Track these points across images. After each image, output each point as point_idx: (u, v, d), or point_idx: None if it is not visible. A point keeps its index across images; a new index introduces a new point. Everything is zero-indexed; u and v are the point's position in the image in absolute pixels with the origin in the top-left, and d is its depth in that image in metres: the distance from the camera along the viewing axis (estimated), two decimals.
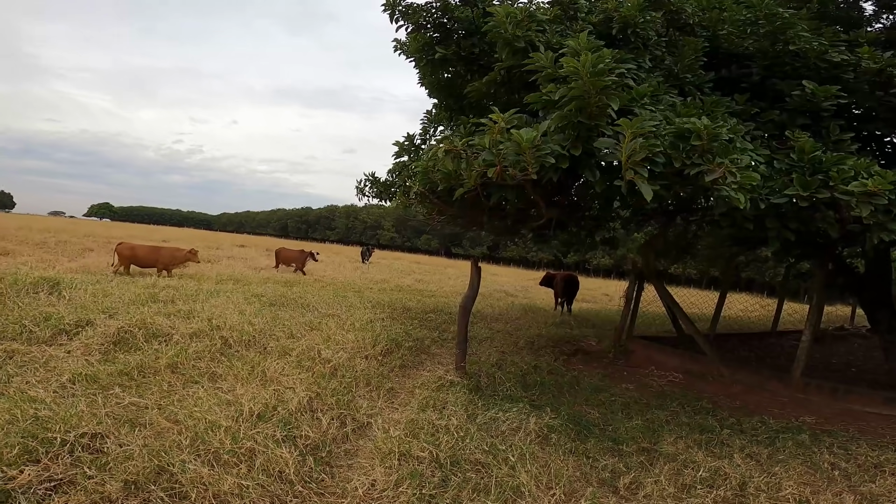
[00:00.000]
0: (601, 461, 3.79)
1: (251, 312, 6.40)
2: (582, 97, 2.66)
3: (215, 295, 7.82)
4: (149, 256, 11.48)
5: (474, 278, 6.02)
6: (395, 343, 6.51)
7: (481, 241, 78.31)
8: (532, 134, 2.55)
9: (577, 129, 2.77)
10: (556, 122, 2.70)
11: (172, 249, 12.18)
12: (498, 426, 4.17)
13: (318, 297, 9.25)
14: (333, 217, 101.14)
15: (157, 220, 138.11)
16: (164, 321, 5.47)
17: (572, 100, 2.70)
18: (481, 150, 2.89)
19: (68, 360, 4.54)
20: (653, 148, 2.60)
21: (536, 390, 5.48)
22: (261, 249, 27.24)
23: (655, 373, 7.03)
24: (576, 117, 2.73)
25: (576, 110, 2.72)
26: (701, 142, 2.70)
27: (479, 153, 2.90)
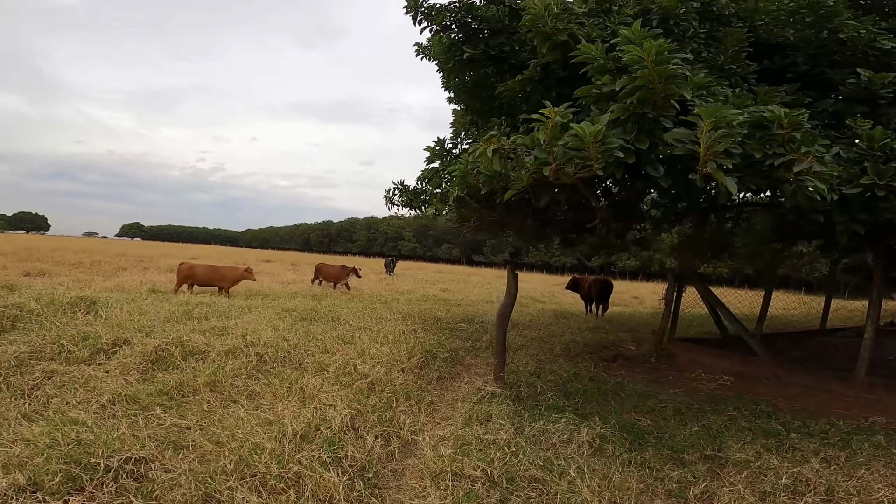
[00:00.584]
0: (664, 471, 3.58)
1: (284, 328, 6.32)
2: (645, 87, 2.47)
3: (247, 311, 7.80)
4: (208, 275, 11.75)
5: (511, 285, 5.83)
6: (431, 355, 6.34)
7: (503, 248, 77.99)
8: (596, 127, 2.36)
9: (639, 121, 2.57)
10: (618, 115, 2.51)
11: (230, 268, 12.51)
12: (548, 438, 3.99)
13: (347, 309, 9.16)
14: (354, 229, 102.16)
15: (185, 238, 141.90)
16: (199, 339, 5.42)
17: (635, 90, 2.51)
18: (532, 148, 2.71)
19: (107, 380, 4.51)
20: (734, 138, 2.37)
21: (579, 398, 5.28)
22: (286, 264, 27.53)
23: (703, 376, 6.68)
24: (638, 109, 2.54)
25: (638, 102, 2.52)
26: (783, 131, 2.47)
27: (530, 152, 2.72)
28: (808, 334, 11.93)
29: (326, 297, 13.36)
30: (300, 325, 7.07)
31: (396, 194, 6.01)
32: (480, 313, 11.64)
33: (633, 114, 2.54)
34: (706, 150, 2.33)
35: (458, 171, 3.59)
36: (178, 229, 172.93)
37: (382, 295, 15.11)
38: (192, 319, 6.65)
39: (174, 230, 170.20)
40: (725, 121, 2.33)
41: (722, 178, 2.34)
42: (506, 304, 5.90)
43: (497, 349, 5.93)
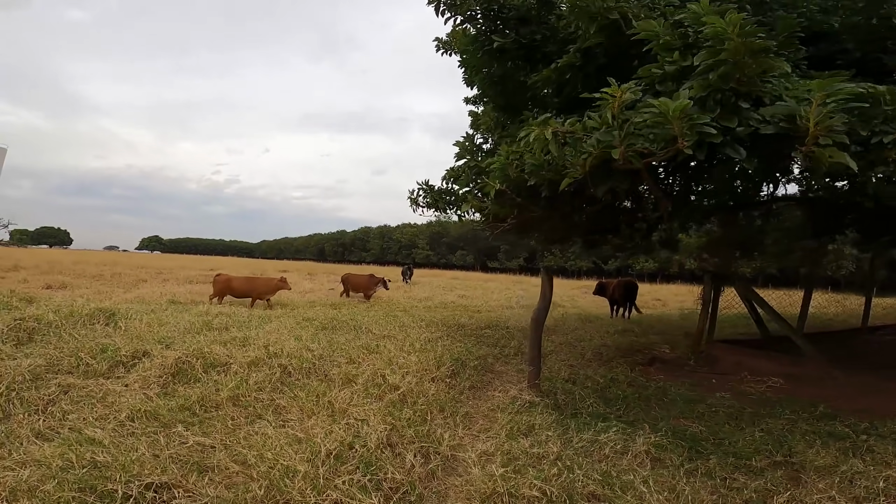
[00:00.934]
0: (737, 480, 3.30)
1: (307, 338, 6.06)
2: (729, 62, 2.16)
3: (267, 320, 7.57)
4: (244, 287, 11.71)
5: (546, 289, 5.49)
6: (460, 363, 6.03)
7: (518, 253, 77.32)
8: (682, 102, 2.05)
9: (722, 99, 2.26)
10: (697, 92, 2.20)
11: (265, 279, 12.48)
12: (600, 449, 3.70)
13: (368, 318, 8.89)
14: (368, 238, 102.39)
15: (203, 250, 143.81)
16: (220, 350, 5.18)
17: (718, 65, 2.20)
18: (590, 132, 2.40)
19: (126, 395, 4.27)
20: (849, 113, 2.05)
21: (620, 405, 5.02)
22: (302, 274, 27.48)
23: (749, 379, 6.35)
24: (721, 85, 2.22)
25: (720, 78, 2.21)
26: (889, 107, 2.15)
27: (589, 135, 2.41)
28: (850, 333, 11.40)
29: (345, 305, 13.13)
30: (322, 334, 6.82)
31: (421, 195, 5.72)
32: (503, 319, 11.29)
33: (714, 91, 2.23)
34: (815, 125, 2.01)
35: (497, 164, 3.30)
36: (196, 241, 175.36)
37: (401, 303, 14.83)
38: (213, 330, 6.43)
39: (192, 242, 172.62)
40: (842, 94, 2.01)
41: (840, 156, 2.01)
42: (540, 309, 5.57)
43: (532, 356, 5.60)
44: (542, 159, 2.71)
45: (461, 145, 4.32)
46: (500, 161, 3.27)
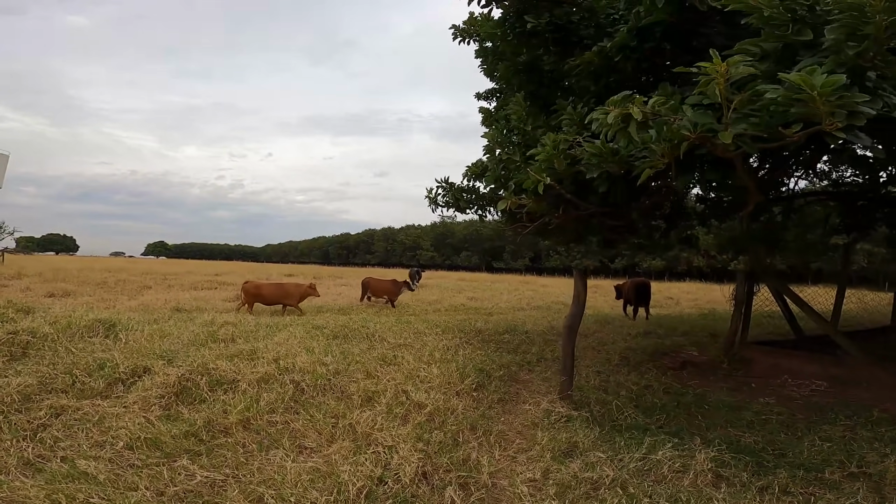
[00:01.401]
0: (813, 496, 3.05)
1: (319, 350, 5.63)
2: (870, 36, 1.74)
3: (275, 330, 7.16)
4: (273, 294, 11.52)
5: (581, 293, 5.06)
6: (485, 374, 5.62)
7: (524, 253, 76.78)
8: (836, 79, 1.63)
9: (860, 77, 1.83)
10: (830, 68, 1.78)
11: (294, 285, 12.29)
12: (657, 469, 3.37)
13: (380, 324, 8.46)
14: (372, 241, 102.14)
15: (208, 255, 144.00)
16: (227, 366, 4.76)
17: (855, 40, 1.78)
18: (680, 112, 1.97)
19: (125, 418, 3.86)
20: None
21: (659, 414, 4.70)
22: (308, 278, 27.06)
23: (790, 382, 6.06)
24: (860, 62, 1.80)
25: (856, 55, 1.79)
26: None
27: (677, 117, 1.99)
28: (881, 330, 10.92)
29: (355, 311, 12.72)
30: (335, 344, 6.40)
31: (440, 194, 5.30)
32: (519, 322, 10.82)
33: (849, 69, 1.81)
34: None
35: (543, 155, 2.88)
36: (201, 246, 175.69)
37: (410, 306, 14.40)
38: (218, 342, 6.02)
39: (197, 247, 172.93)
40: None
41: None
42: (574, 315, 5.14)
43: (564, 364, 5.19)
44: (607, 148, 2.30)
45: (491, 136, 3.88)
46: (547, 151, 2.85)
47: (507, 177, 3.73)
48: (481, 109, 10.41)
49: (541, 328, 10.05)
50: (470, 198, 5.30)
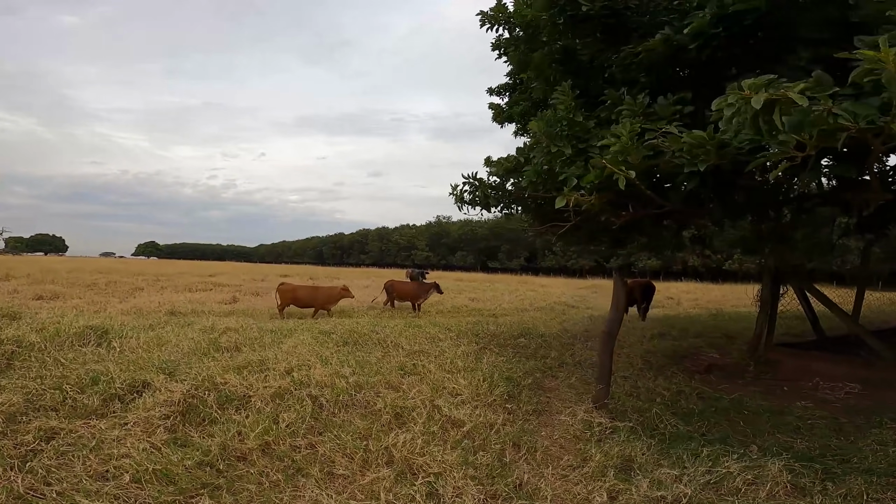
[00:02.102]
0: None
1: (334, 359, 5.19)
2: None
3: (281, 336, 6.70)
4: (309, 296, 11.42)
5: (620, 297, 4.68)
6: (513, 383, 5.24)
7: (518, 252, 76.54)
8: None
9: None
10: None
11: (328, 288, 12.24)
12: (728, 482, 3.13)
13: (390, 329, 8.03)
14: (366, 241, 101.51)
15: (201, 255, 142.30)
16: (236, 379, 4.31)
17: None
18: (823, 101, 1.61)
19: (127, 443, 3.42)
20: None
21: (700, 422, 4.52)
22: (304, 278, 26.52)
23: (823, 385, 5.88)
24: None
25: None
26: None
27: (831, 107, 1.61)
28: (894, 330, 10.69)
29: (360, 314, 12.28)
30: (347, 352, 5.97)
31: (467, 190, 4.88)
32: (530, 325, 10.42)
33: None
34: None
35: (619, 146, 2.50)
36: (193, 246, 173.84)
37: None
38: (222, 351, 5.56)
39: (189, 247, 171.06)
40: None
41: None
42: (613, 320, 4.76)
43: (602, 372, 4.84)
44: (713, 139, 1.93)
45: (539, 127, 3.45)
46: (623, 142, 2.46)
47: (554, 172, 3.36)
48: (491, 105, 10.02)
49: (554, 331, 9.67)
50: (499, 195, 4.90)
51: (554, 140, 3.33)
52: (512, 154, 4.54)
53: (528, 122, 8.64)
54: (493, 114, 9.89)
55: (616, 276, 4.75)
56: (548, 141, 3.36)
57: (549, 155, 3.39)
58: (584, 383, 6.06)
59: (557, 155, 3.31)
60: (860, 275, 10.33)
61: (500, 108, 9.87)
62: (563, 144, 3.29)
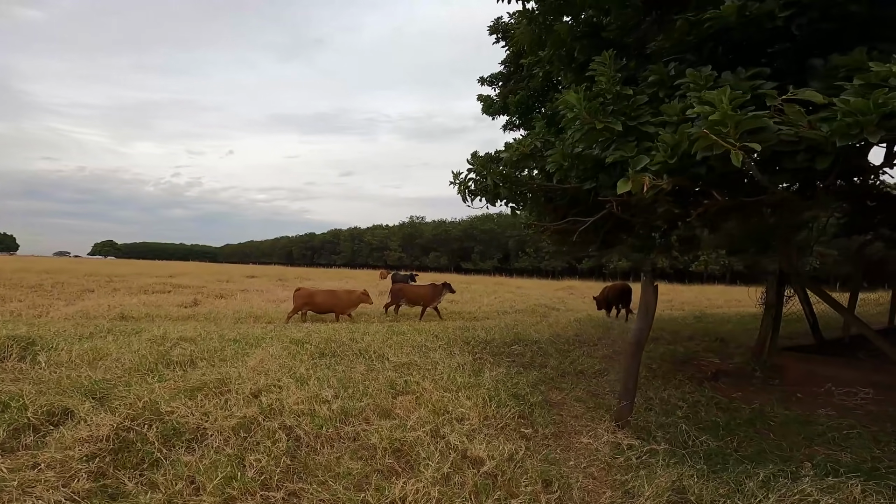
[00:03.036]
0: None
1: (312, 378, 4.33)
2: None
3: (246, 345, 5.79)
4: (327, 301, 10.81)
5: (651, 303, 4.03)
6: (521, 401, 4.56)
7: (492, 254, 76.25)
8: None
9: None
10: None
11: (347, 291, 11.69)
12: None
13: (370, 336, 7.20)
14: (338, 241, 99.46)
15: (162, 255, 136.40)
16: (187, 406, 3.41)
17: None
18: None
19: (35, 492, 2.52)
20: None
21: (727, 435, 4.16)
22: (272, 279, 25.19)
23: (836, 391, 5.68)
24: None
25: None
26: None
27: None
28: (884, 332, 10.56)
29: (330, 318, 11.37)
30: (324, 366, 5.12)
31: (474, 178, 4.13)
32: (519, 329, 9.73)
33: None
34: None
35: (718, 116, 1.84)
36: (154, 246, 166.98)
37: (391, 312, 13.08)
38: (173, 367, 4.62)
39: (150, 247, 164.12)
40: None
41: None
42: (641, 329, 4.11)
43: (626, 387, 4.25)
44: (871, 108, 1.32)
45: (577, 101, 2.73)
46: (722, 111, 1.80)
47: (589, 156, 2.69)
48: (481, 97, 9.35)
49: (546, 336, 9.02)
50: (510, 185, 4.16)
51: (598, 115, 2.65)
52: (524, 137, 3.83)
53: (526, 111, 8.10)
54: (483, 105, 9.25)
55: (646, 280, 4.09)
56: (589, 117, 2.67)
57: (591, 133, 2.71)
58: (591, 395, 5.47)
59: (601, 133, 2.64)
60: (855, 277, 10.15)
61: (491, 100, 9.23)
62: (611, 121, 2.62)
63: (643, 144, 2.61)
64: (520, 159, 3.77)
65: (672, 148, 2.23)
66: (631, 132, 2.69)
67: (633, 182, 2.33)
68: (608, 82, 2.85)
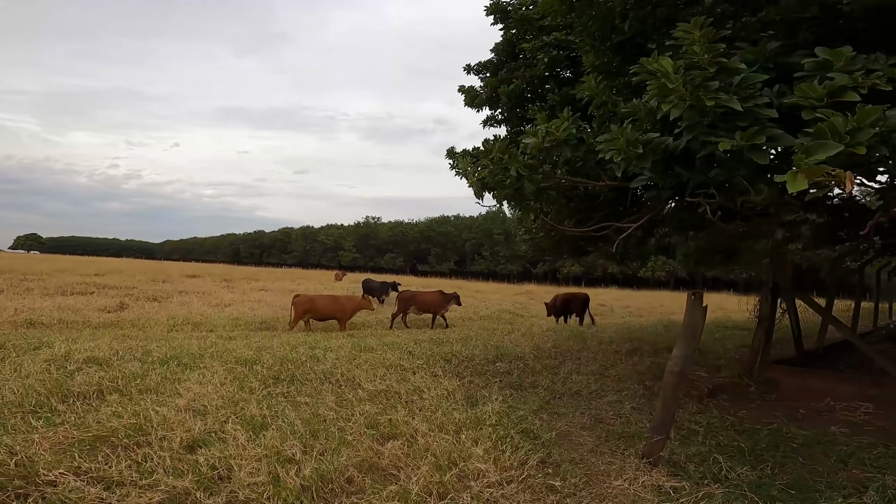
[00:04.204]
0: None
1: (268, 418, 3.25)
2: None
3: (175, 370, 4.58)
4: (329, 307, 10.36)
5: (698, 326, 3.26)
6: (532, 438, 3.74)
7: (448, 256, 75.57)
8: None
9: None
10: None
11: (348, 297, 11.39)
12: None
13: (333, 353, 6.13)
14: (289, 240, 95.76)
15: (93, 250, 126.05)
16: (81, 473, 2.29)
17: None
18: None
19: None
20: None
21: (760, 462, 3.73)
22: (217, 280, 23.09)
23: (837, 406, 5.53)
24: None
25: None
26: None
27: None
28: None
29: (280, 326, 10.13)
30: (282, 396, 4.05)
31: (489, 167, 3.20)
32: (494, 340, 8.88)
33: None
34: None
35: None
36: (85, 241, 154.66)
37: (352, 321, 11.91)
38: (71, 402, 3.39)
39: (79, 241, 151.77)
40: None
41: None
42: (686, 357, 3.35)
43: (663, 420, 3.59)
44: None
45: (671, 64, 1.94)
46: None
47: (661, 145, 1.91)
48: (462, 88, 8.78)
49: (527, 349, 8.22)
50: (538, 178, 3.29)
51: (704, 92, 1.87)
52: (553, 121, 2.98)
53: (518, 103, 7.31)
54: (466, 97, 8.64)
55: (695, 299, 3.31)
56: (689, 92, 1.89)
57: (692, 111, 1.93)
58: (596, 421, 4.78)
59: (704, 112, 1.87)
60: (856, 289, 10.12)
61: (476, 92, 8.60)
62: (724, 98, 1.86)
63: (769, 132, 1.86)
64: (552, 146, 2.92)
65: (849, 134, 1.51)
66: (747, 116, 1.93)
67: (808, 174, 1.56)
68: (702, 50, 2.06)
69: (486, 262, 71.55)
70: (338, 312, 10.37)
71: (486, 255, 72.05)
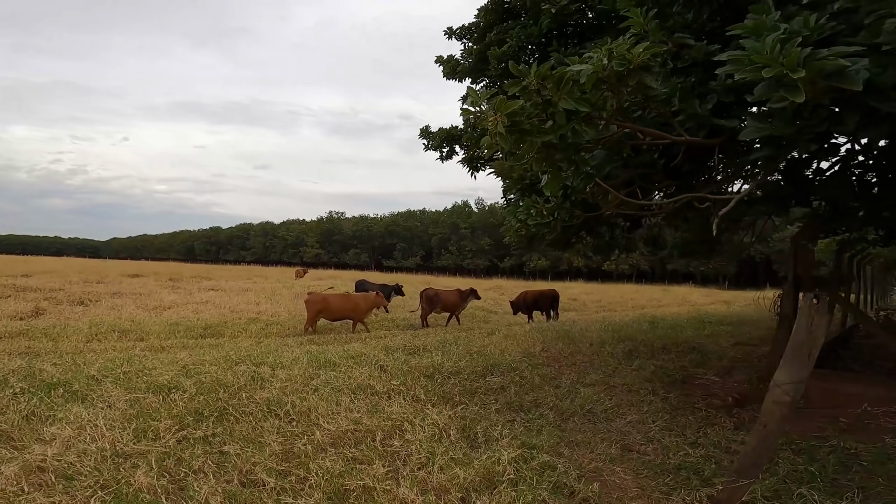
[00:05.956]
0: None
1: (159, 490, 1.99)
2: None
3: (55, 405, 3.21)
4: (343, 307, 10.00)
5: (819, 337, 2.25)
6: (570, 496, 2.59)
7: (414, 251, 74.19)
8: None
9: None
10: None
11: (362, 296, 10.90)
12: None
13: (285, 373, 4.81)
14: (248, 236, 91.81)
15: (32, 249, 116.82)
16: None
17: None
18: None
19: None
20: None
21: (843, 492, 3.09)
22: (162, 279, 20.90)
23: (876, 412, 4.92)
24: None
25: None
26: None
27: None
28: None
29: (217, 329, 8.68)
30: (199, 440, 2.76)
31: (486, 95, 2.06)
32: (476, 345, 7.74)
33: None
34: None
35: None
36: (23, 239, 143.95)
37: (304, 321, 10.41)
38: None
39: (17, 240, 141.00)
40: None
41: None
42: (798, 384, 2.29)
43: (756, 462, 2.76)
44: None
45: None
46: None
47: None
48: (439, 59, 8.06)
49: (516, 356, 7.12)
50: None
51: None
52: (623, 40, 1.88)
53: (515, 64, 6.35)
54: (445, 68, 7.93)
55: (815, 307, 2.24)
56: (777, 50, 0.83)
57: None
58: (625, 450, 3.86)
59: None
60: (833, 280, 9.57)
61: (456, 61, 7.79)
62: None
63: None
64: (629, 71, 1.79)
65: None
66: None
67: None
68: None
69: (452, 257, 70.60)
70: (352, 312, 9.96)
71: (452, 249, 71.09)
